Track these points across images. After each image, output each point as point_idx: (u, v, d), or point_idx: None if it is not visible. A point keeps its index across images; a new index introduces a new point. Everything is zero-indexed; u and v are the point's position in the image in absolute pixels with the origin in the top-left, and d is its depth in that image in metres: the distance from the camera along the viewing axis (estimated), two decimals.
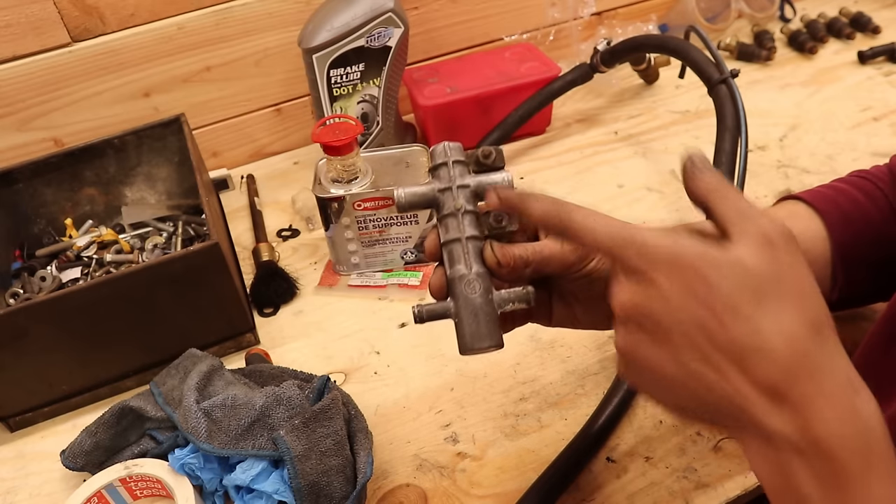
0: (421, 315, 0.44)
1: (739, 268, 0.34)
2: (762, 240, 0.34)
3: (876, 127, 0.95)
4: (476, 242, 0.44)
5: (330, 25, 0.83)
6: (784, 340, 0.33)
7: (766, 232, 0.34)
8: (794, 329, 0.33)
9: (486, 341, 0.42)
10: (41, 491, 0.62)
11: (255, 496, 0.55)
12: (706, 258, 0.34)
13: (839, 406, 0.32)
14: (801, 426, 0.32)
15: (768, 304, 0.33)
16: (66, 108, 0.89)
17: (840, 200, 0.55)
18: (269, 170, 1.01)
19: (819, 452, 0.32)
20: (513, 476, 0.58)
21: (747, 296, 0.33)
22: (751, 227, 0.35)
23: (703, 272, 0.34)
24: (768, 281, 0.33)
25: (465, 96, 0.93)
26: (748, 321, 0.33)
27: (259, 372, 0.66)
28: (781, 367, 0.32)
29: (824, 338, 0.33)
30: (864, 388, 0.33)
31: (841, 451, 0.32)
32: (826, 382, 0.32)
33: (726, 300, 0.33)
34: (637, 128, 1.01)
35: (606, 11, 1.15)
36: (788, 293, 0.33)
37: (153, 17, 0.88)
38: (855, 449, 0.32)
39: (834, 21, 1.16)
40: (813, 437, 0.32)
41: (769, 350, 0.33)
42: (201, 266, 0.65)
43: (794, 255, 0.34)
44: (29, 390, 0.66)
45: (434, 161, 0.46)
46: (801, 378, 0.32)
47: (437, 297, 0.45)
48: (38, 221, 0.84)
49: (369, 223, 0.76)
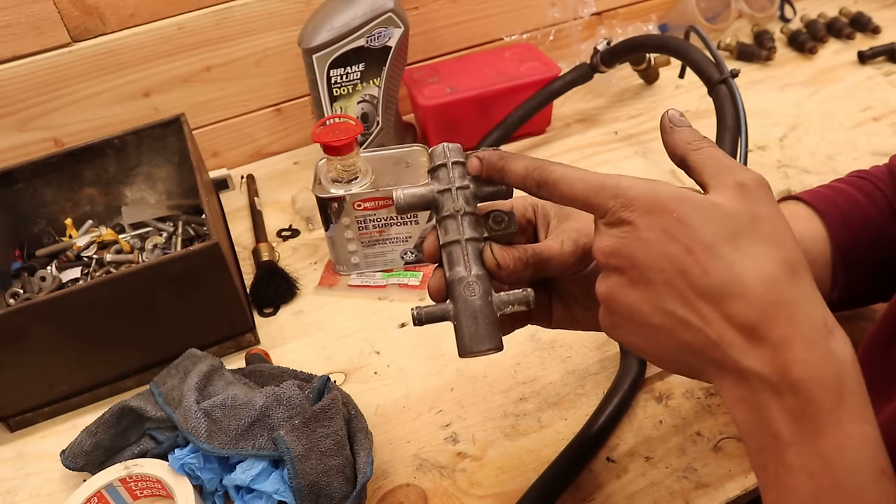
0: (420, 318, 0.44)
1: (717, 210, 0.34)
2: (738, 187, 0.35)
3: (876, 127, 0.95)
4: (475, 244, 0.44)
5: (330, 25, 0.83)
6: (762, 282, 0.33)
7: (741, 180, 0.35)
8: (771, 270, 0.33)
9: (486, 344, 0.42)
10: (41, 491, 0.62)
11: (255, 496, 0.55)
12: (684, 200, 0.35)
13: (816, 348, 0.33)
14: (780, 367, 0.33)
15: (746, 246, 0.34)
16: (66, 108, 0.89)
17: (840, 201, 0.55)
18: (269, 170, 1.01)
19: (796, 392, 0.33)
20: (513, 476, 0.58)
21: (725, 237, 0.34)
22: (727, 175, 0.36)
23: (680, 213, 0.34)
24: (745, 223, 0.34)
25: (465, 96, 0.93)
26: (726, 262, 0.33)
27: (259, 372, 0.66)
28: (759, 309, 0.33)
29: (801, 279, 0.34)
30: (839, 329, 0.34)
31: (817, 391, 0.32)
32: (803, 324, 0.33)
33: (704, 241, 0.34)
34: (637, 128, 1.01)
35: (606, 11, 1.15)
36: (765, 235, 0.34)
37: (153, 17, 0.88)
38: (830, 389, 0.32)
39: (834, 21, 1.16)
40: (790, 378, 0.32)
41: (747, 291, 0.33)
42: (201, 266, 0.65)
43: (769, 201, 0.35)
44: (29, 390, 0.66)
45: (433, 162, 0.46)
46: (780, 319, 0.33)
47: (436, 299, 0.44)
48: (38, 221, 0.84)
49: (369, 223, 0.76)
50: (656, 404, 0.62)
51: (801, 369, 0.32)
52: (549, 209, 0.47)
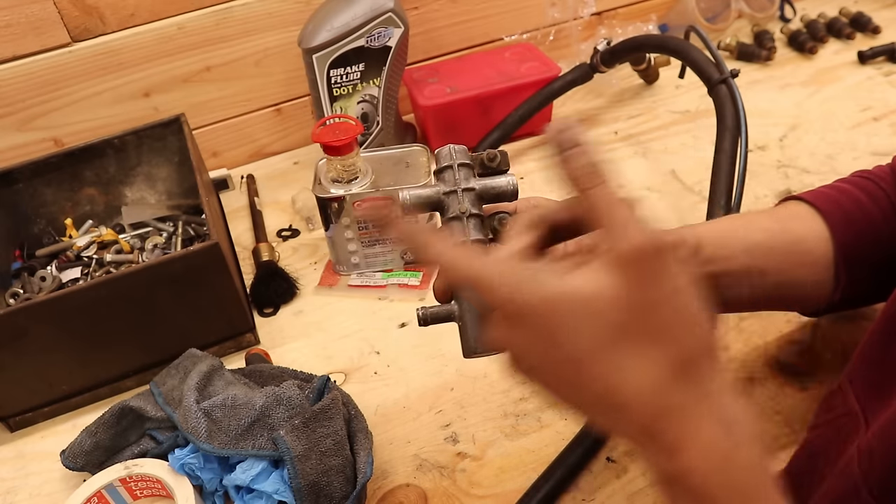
0: (425, 318, 0.43)
1: (594, 307, 0.31)
2: (627, 261, 0.30)
3: (876, 127, 0.95)
4: (481, 246, 0.44)
5: (330, 25, 0.83)
6: (646, 388, 0.31)
7: (631, 248, 0.30)
8: (656, 375, 0.31)
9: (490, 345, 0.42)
10: (41, 491, 0.62)
11: (255, 496, 0.55)
12: (555, 303, 0.31)
13: (713, 455, 0.31)
14: (677, 469, 0.32)
15: (627, 346, 0.31)
16: (66, 108, 0.89)
17: (842, 201, 0.55)
18: (269, 170, 1.01)
19: (696, 496, 0.31)
20: (513, 476, 0.58)
21: (605, 341, 0.31)
22: (616, 239, 0.31)
23: (550, 321, 0.31)
24: (628, 318, 0.31)
25: (465, 96, 0.93)
26: (608, 369, 0.31)
27: (259, 372, 0.66)
28: (648, 419, 0.32)
29: (691, 379, 0.31)
30: (744, 427, 0.32)
31: (716, 498, 0.31)
32: (697, 430, 0.31)
33: (579, 350, 0.31)
34: (637, 128, 1.01)
35: (606, 11, 1.15)
36: (651, 329, 0.31)
37: (153, 17, 0.88)
38: (730, 495, 0.31)
39: (834, 21, 1.16)
40: (688, 482, 0.31)
41: (631, 401, 0.32)
42: (201, 266, 0.65)
43: (663, 278, 0.31)
44: (29, 390, 0.66)
45: (439, 164, 0.46)
46: (670, 426, 0.31)
47: (440, 299, 0.44)
48: (38, 221, 0.84)
49: (369, 223, 0.76)
50: None
51: (696, 476, 0.31)
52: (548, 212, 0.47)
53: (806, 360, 0.64)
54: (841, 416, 0.48)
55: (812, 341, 0.66)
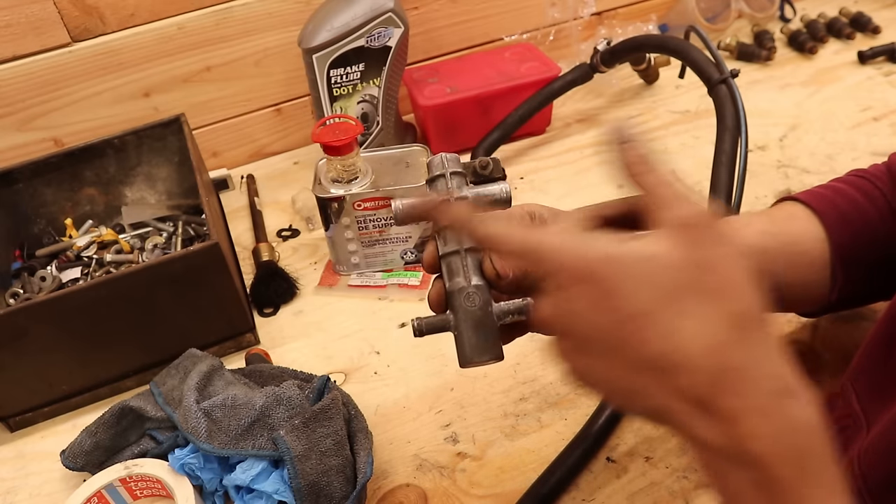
0: (420, 329, 0.43)
1: (653, 267, 0.31)
2: (681, 228, 0.32)
3: (876, 127, 0.95)
4: (475, 255, 0.43)
5: (330, 25, 0.83)
6: (703, 349, 0.30)
7: (685, 218, 0.32)
8: (715, 334, 0.30)
9: (487, 354, 0.42)
10: (41, 491, 0.62)
11: (255, 496, 0.55)
12: (615, 263, 0.32)
13: (772, 418, 0.30)
14: (734, 441, 0.30)
15: (687, 306, 0.31)
16: (66, 108, 0.89)
17: (838, 201, 0.55)
18: (269, 170, 1.01)
19: (755, 467, 0.30)
20: (513, 476, 0.58)
21: (662, 300, 0.31)
22: (669, 211, 0.32)
23: (610, 284, 0.31)
24: (686, 277, 0.31)
25: (465, 96, 0.93)
26: (665, 331, 0.31)
27: (259, 372, 0.66)
28: (705, 380, 0.30)
29: (752, 336, 0.31)
30: (802, 391, 0.31)
31: (776, 467, 0.30)
32: (756, 392, 0.30)
33: (639, 310, 0.31)
34: (637, 128, 1.00)
35: (606, 11, 1.15)
36: (710, 289, 0.31)
37: (153, 17, 0.88)
38: (791, 464, 0.30)
39: (834, 21, 1.16)
40: (747, 452, 0.30)
41: (689, 362, 0.30)
42: (201, 266, 0.65)
43: (716, 240, 0.32)
44: (29, 390, 0.66)
45: (431, 173, 0.46)
46: (728, 389, 0.30)
47: (436, 309, 0.44)
48: (38, 221, 0.84)
49: (369, 223, 0.76)
50: None
51: (756, 444, 0.30)
52: (547, 216, 0.47)
53: (806, 360, 0.64)
54: (842, 418, 0.48)
55: (812, 342, 0.66)
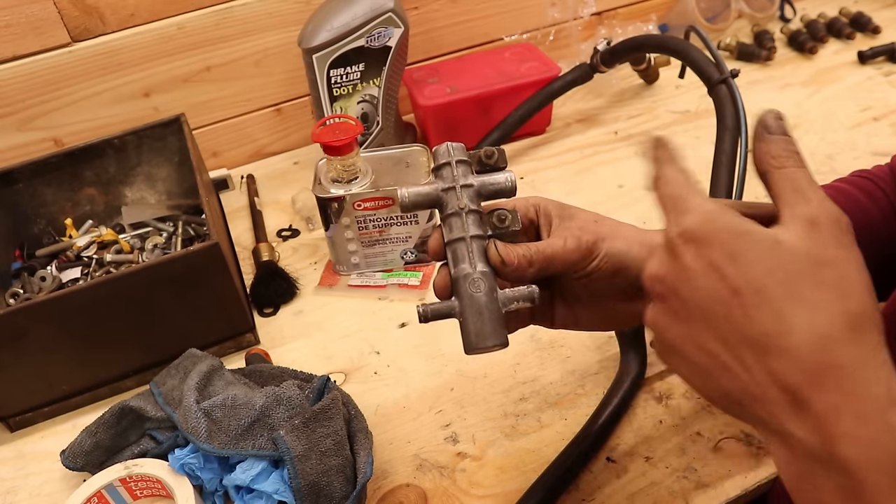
0: (426, 314, 0.44)
1: (776, 249, 0.31)
2: (809, 223, 0.31)
3: (876, 127, 0.95)
4: (480, 242, 0.44)
5: (330, 25, 0.83)
6: (812, 338, 0.29)
7: (814, 215, 0.31)
8: (826, 326, 0.29)
9: (492, 340, 0.42)
10: (41, 491, 0.62)
11: (255, 496, 0.55)
12: (741, 233, 0.31)
13: (870, 423, 0.28)
14: (825, 440, 0.29)
15: (802, 293, 0.30)
16: (66, 108, 0.89)
17: (841, 201, 0.55)
18: (269, 170, 1.01)
19: (843, 471, 0.28)
20: (513, 476, 0.58)
21: (779, 280, 0.30)
22: (800, 206, 0.32)
23: (733, 248, 0.31)
24: (806, 267, 0.30)
25: (465, 96, 0.93)
26: (775, 310, 0.30)
27: (259, 372, 0.66)
28: (804, 370, 0.29)
29: (862, 339, 0.29)
30: None
31: (868, 473, 0.28)
32: (857, 394, 0.29)
33: (754, 283, 0.30)
34: (637, 128, 1.01)
35: (606, 11, 1.15)
36: (828, 283, 0.30)
37: (153, 17, 0.88)
38: (885, 472, 0.28)
39: (834, 21, 1.16)
40: (837, 454, 0.28)
41: (793, 348, 0.29)
42: (201, 266, 0.65)
43: (842, 243, 0.31)
44: (29, 390, 0.66)
45: (437, 161, 0.46)
46: (828, 386, 0.29)
47: (441, 296, 0.44)
48: (38, 221, 0.84)
49: (369, 223, 0.76)
50: (656, 404, 0.62)
51: (849, 447, 0.28)
52: (552, 209, 0.47)
53: None
54: None
55: None
